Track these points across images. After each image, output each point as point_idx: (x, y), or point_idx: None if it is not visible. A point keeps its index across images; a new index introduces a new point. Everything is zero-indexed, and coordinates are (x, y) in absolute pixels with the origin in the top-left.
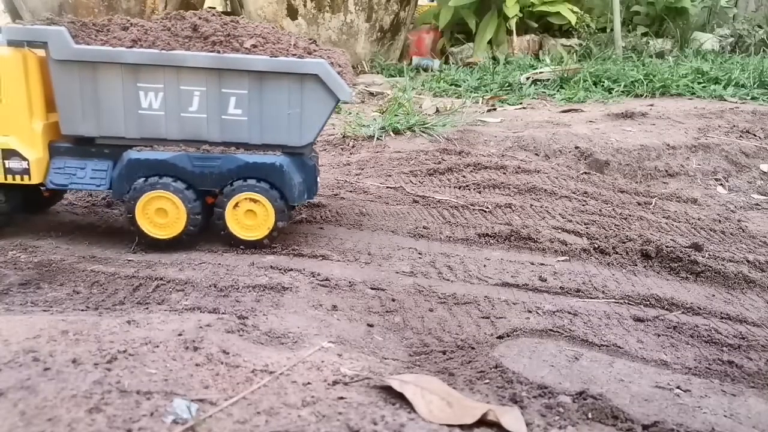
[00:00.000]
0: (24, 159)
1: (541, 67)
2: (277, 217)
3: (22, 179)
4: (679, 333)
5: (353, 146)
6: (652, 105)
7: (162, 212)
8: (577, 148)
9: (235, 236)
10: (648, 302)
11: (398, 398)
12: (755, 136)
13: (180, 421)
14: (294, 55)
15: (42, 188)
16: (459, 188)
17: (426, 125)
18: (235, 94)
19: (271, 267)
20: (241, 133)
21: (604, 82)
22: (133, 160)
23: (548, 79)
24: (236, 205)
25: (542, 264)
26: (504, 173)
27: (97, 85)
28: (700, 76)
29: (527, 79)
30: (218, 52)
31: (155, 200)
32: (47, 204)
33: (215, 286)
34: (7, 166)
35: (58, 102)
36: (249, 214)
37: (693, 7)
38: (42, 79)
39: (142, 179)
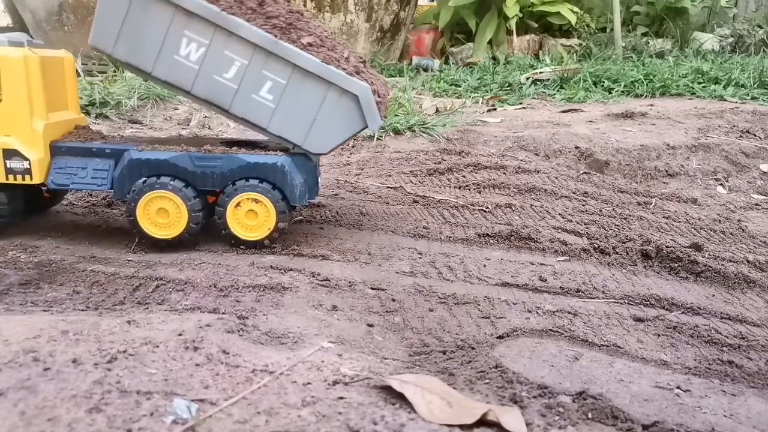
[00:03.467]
0: (25, 159)
1: (541, 67)
2: (279, 218)
3: (23, 179)
4: (679, 333)
5: (353, 146)
6: (652, 105)
7: (163, 212)
8: (577, 148)
9: (236, 236)
10: (648, 302)
11: (398, 398)
12: (755, 136)
13: (180, 421)
14: (344, 69)
15: (43, 189)
16: (459, 188)
17: (426, 125)
18: (273, 80)
19: (271, 267)
20: (263, 117)
21: (604, 82)
22: (134, 160)
23: (548, 79)
24: (238, 204)
25: (542, 264)
26: (504, 173)
27: (146, 15)
28: (700, 76)
29: (527, 79)
30: (275, 36)
31: (156, 200)
32: (48, 204)
33: (215, 286)
34: (8, 166)
35: (99, 12)
36: (250, 215)
37: (693, 7)
38: (43, 78)
39: (143, 179)
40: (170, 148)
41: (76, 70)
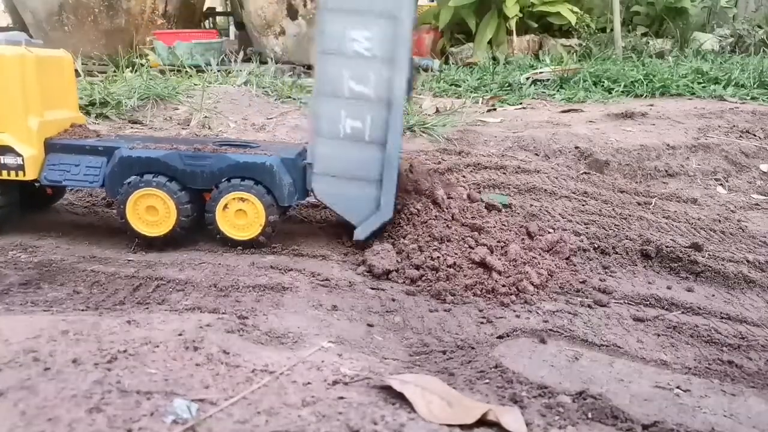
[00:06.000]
0: (18, 155)
1: (541, 67)
2: (268, 212)
3: (16, 175)
4: (679, 333)
5: None
6: (652, 105)
7: (152, 210)
8: (577, 148)
9: (229, 237)
10: (648, 302)
11: (398, 398)
12: (755, 136)
13: (180, 421)
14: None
15: (39, 185)
16: None
17: (426, 125)
18: (363, 122)
19: (272, 267)
20: (325, 127)
21: (604, 82)
22: (124, 158)
23: (548, 79)
24: (225, 206)
25: None
26: (504, 173)
27: None
28: (700, 76)
29: (527, 79)
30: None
31: (145, 198)
32: (50, 201)
33: (215, 286)
34: (1, 162)
35: None
36: (240, 214)
37: (693, 7)
38: (39, 77)
39: (132, 177)
40: (161, 146)
41: (76, 70)
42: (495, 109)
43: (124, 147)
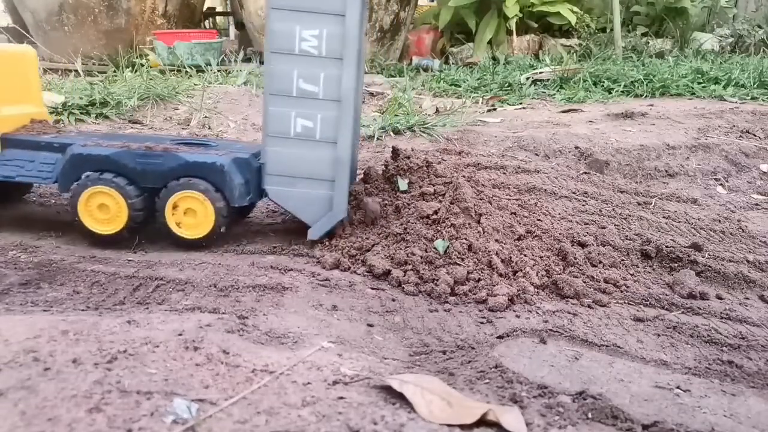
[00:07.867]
0: None
1: (541, 67)
2: (217, 211)
3: None
4: (679, 333)
5: None
6: (652, 105)
7: (104, 208)
8: (577, 148)
9: (179, 236)
10: (648, 302)
11: (398, 398)
12: (755, 136)
13: (180, 421)
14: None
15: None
16: None
17: (426, 125)
18: (312, 122)
19: (271, 267)
20: (274, 126)
21: (604, 82)
22: (76, 155)
23: (548, 79)
24: (175, 205)
25: None
26: (504, 173)
27: None
28: (700, 76)
29: (527, 79)
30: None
31: (96, 196)
32: (19, 193)
33: (215, 286)
34: None
35: None
36: (190, 213)
37: (693, 7)
38: None
39: (84, 175)
40: (113, 144)
41: (76, 70)
42: (495, 109)
43: (77, 144)
